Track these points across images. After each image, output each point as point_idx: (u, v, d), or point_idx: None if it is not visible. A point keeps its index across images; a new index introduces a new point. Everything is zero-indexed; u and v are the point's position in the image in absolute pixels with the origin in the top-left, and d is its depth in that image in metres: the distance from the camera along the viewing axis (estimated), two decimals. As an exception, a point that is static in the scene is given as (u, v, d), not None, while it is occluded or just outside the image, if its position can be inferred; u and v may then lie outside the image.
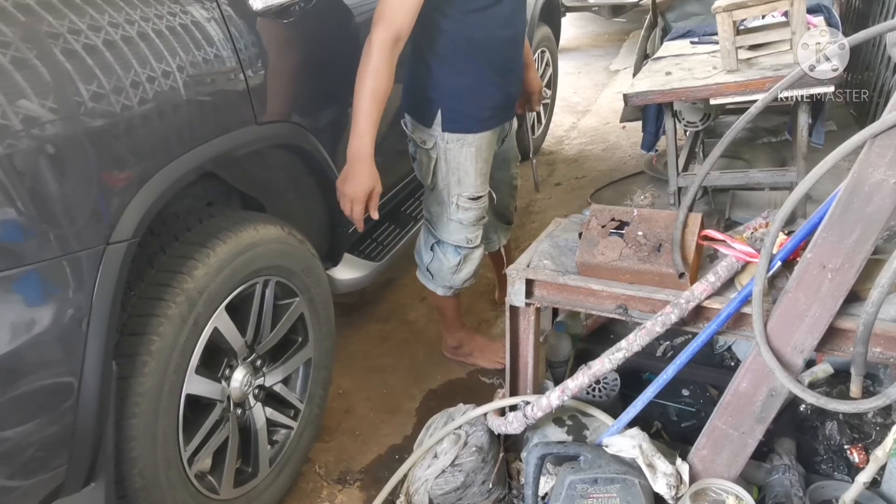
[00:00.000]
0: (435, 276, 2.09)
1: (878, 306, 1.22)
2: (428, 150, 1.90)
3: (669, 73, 2.58)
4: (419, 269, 2.15)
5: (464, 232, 1.99)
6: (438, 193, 1.95)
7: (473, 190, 1.94)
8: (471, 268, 2.06)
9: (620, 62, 6.12)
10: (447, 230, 2.00)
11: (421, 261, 2.11)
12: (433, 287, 2.12)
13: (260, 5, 1.60)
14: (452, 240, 2.01)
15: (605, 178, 3.72)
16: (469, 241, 2.01)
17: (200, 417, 1.54)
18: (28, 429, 1.14)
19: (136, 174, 1.27)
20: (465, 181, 1.92)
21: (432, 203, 2.00)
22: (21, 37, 1.11)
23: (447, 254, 2.03)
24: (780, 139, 3.45)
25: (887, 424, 1.72)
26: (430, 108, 1.84)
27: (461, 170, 1.90)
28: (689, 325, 1.51)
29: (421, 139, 1.90)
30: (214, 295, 1.47)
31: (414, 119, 1.91)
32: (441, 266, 2.05)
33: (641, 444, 1.45)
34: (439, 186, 1.94)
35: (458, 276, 2.06)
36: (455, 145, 1.87)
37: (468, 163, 1.90)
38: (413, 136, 1.94)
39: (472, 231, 2.01)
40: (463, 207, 1.95)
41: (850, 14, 4.19)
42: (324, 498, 1.87)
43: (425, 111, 1.85)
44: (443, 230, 2.00)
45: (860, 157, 1.26)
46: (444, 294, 2.12)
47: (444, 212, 1.97)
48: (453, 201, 1.94)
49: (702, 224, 1.53)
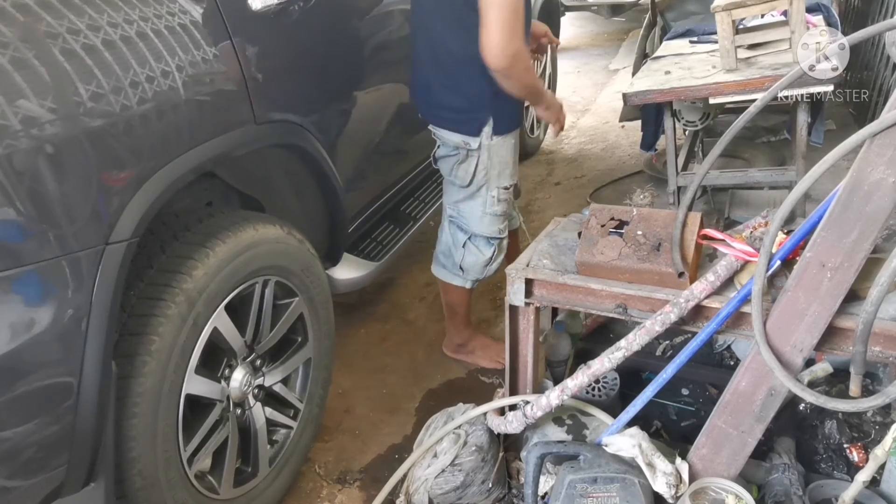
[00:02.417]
0: (467, 271, 2.13)
1: (878, 305, 1.22)
2: (470, 152, 1.95)
3: (669, 72, 2.58)
4: (445, 268, 2.17)
5: (497, 223, 2.07)
6: (476, 190, 2.01)
7: (511, 180, 2.04)
8: (502, 255, 2.14)
9: (619, 61, 6.12)
10: (482, 224, 2.05)
11: (450, 260, 2.14)
12: (461, 282, 2.15)
13: (259, 5, 1.60)
14: (487, 232, 2.07)
15: (604, 177, 3.72)
16: (501, 231, 2.10)
17: (200, 417, 1.54)
18: (28, 429, 1.14)
19: (135, 174, 1.27)
20: (505, 173, 2.00)
21: (465, 200, 2.04)
22: (20, 37, 1.11)
23: (481, 247, 2.09)
24: (780, 138, 3.45)
25: (887, 423, 1.72)
26: (479, 120, 1.90)
27: (503, 163, 1.98)
28: (688, 325, 1.51)
29: (464, 143, 1.94)
30: (214, 295, 1.47)
31: (458, 131, 1.93)
32: (476, 260, 2.10)
33: (641, 443, 1.45)
34: (478, 183, 1.99)
35: (492, 266, 2.13)
36: (499, 142, 1.94)
37: (509, 155, 1.99)
38: (451, 142, 1.96)
39: (503, 221, 2.09)
40: (499, 199, 2.02)
41: (849, 13, 4.20)
42: (324, 498, 1.87)
43: (474, 124, 1.90)
44: (477, 225, 2.06)
45: (859, 156, 1.26)
46: (471, 287, 2.17)
47: (480, 207, 2.03)
48: (493, 195, 2.01)
49: (701, 223, 1.53)
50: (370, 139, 2.23)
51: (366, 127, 2.19)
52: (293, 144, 1.78)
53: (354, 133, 2.10)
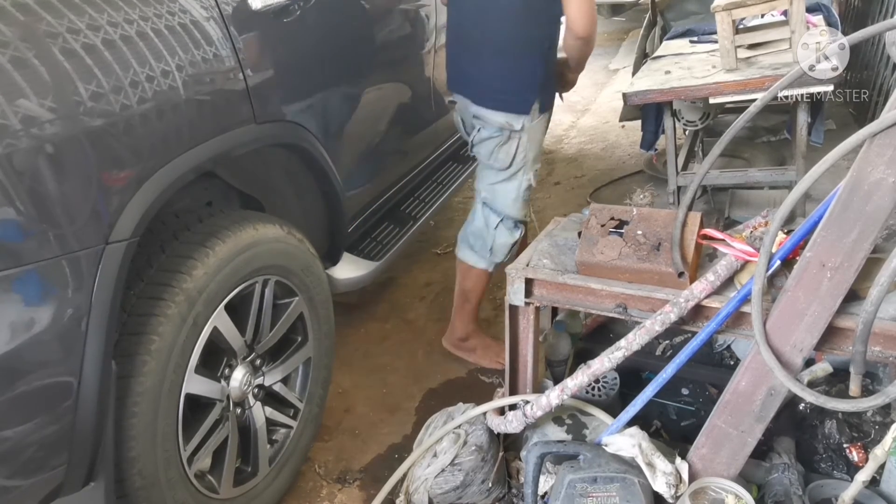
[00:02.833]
0: (495, 253, 2.18)
1: (878, 305, 1.22)
2: (513, 133, 2.04)
3: (669, 71, 2.58)
4: (473, 250, 2.20)
5: (525, 207, 2.20)
6: (514, 172, 2.10)
7: (539, 162, 2.16)
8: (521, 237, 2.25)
9: (619, 61, 6.12)
10: (515, 207, 2.15)
11: (480, 241, 2.19)
12: (486, 265, 2.20)
13: (259, 4, 1.60)
14: (518, 215, 2.17)
15: (604, 177, 3.72)
16: (526, 215, 2.22)
17: (200, 417, 1.54)
18: (28, 428, 1.14)
19: (135, 173, 1.27)
20: (538, 154, 2.14)
21: (502, 182, 2.12)
22: (20, 36, 1.11)
23: (512, 230, 2.17)
24: (780, 138, 3.45)
25: (886, 423, 1.72)
26: (530, 100, 2.02)
27: (537, 144, 2.12)
28: (688, 324, 1.51)
29: (508, 123, 2.02)
30: (214, 294, 1.47)
31: (509, 111, 2.02)
32: (506, 242, 2.17)
33: (641, 442, 1.45)
34: (517, 165, 2.09)
35: (514, 249, 2.21)
36: (537, 124, 2.08)
37: (541, 136, 2.14)
38: (496, 123, 2.03)
39: (528, 204, 2.22)
40: (532, 181, 2.14)
41: (849, 13, 4.20)
42: (323, 497, 1.87)
43: (524, 100, 2.02)
44: (510, 207, 2.14)
45: (859, 155, 1.26)
46: (492, 272, 2.22)
47: (516, 189, 2.12)
48: (528, 177, 2.12)
49: (701, 223, 1.53)
50: (370, 139, 2.23)
51: (366, 126, 2.19)
52: (293, 144, 1.77)
53: (354, 132, 2.10)
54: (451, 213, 3.49)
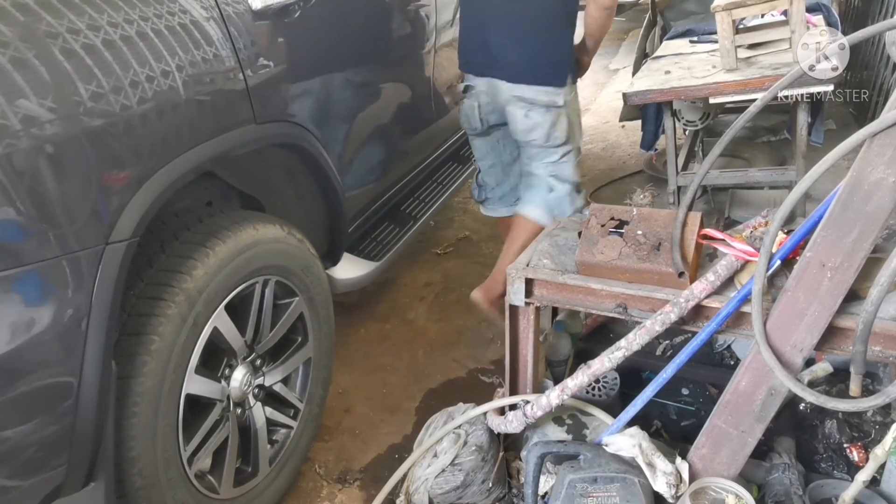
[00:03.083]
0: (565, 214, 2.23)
1: (878, 305, 1.22)
2: (559, 109, 2.10)
3: (669, 71, 2.58)
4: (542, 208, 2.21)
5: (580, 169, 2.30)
6: (571, 145, 2.18)
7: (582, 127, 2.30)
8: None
9: (619, 61, 6.12)
10: (578, 173, 2.24)
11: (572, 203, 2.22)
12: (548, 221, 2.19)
13: (259, 5, 1.60)
14: (579, 179, 2.26)
15: (604, 177, 3.72)
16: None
17: (200, 417, 1.54)
18: (28, 428, 1.14)
19: (135, 174, 1.27)
20: (580, 126, 2.24)
21: (563, 158, 2.17)
22: (20, 36, 1.11)
23: (581, 193, 2.27)
24: (780, 138, 3.45)
25: (887, 423, 1.72)
26: (564, 68, 2.11)
27: (578, 113, 2.23)
28: (688, 324, 1.51)
29: (552, 100, 2.08)
30: (214, 294, 1.47)
31: (550, 84, 2.08)
32: (579, 206, 2.25)
33: (641, 442, 1.45)
34: (571, 137, 2.16)
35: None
36: (573, 95, 2.18)
37: (579, 105, 2.25)
38: (541, 102, 2.08)
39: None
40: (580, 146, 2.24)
41: (849, 13, 4.20)
42: (324, 497, 1.87)
43: (561, 73, 2.10)
44: (575, 174, 2.23)
45: (859, 155, 1.26)
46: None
47: (574, 157, 2.21)
48: (579, 146, 2.22)
49: (701, 223, 1.53)
50: (370, 139, 2.23)
51: (366, 126, 2.19)
52: (293, 144, 1.77)
53: (355, 132, 2.10)
54: (451, 213, 3.49)
